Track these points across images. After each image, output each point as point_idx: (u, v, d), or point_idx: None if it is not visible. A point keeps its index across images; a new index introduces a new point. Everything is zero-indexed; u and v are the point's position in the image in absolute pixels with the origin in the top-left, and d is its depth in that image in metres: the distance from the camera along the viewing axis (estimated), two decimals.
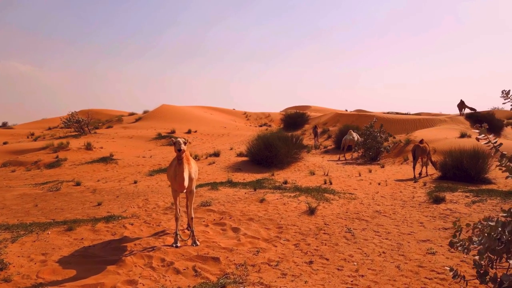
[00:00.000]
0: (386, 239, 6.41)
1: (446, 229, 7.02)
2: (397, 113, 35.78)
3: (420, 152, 13.66)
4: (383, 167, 15.92)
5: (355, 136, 19.66)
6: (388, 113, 36.70)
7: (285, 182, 11.67)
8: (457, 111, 26.80)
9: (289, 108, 54.81)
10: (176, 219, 6.14)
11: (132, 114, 40.10)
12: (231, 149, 22.41)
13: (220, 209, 8.29)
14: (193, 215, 6.20)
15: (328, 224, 7.24)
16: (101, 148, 20.88)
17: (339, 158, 19.39)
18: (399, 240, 6.36)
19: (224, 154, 19.51)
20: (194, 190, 6.33)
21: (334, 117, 30.99)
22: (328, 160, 18.64)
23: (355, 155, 20.14)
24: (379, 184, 11.95)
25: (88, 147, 19.90)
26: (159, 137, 26.04)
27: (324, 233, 6.70)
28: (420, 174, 13.69)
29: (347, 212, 8.27)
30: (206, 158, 17.65)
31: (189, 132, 28.83)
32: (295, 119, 32.69)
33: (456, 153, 12.87)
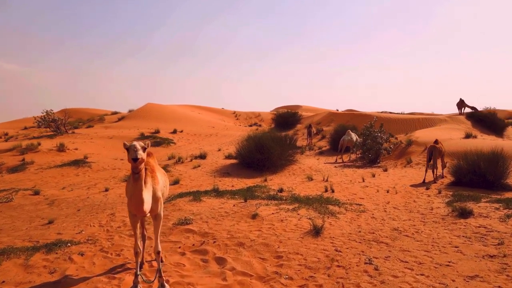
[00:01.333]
0: (421, 275, 4.77)
1: (491, 256, 5.42)
2: (390, 113, 34.46)
3: (437, 153, 12.18)
4: (386, 170, 14.38)
5: (354, 136, 18.12)
6: (382, 112, 35.36)
7: (281, 190, 9.98)
8: (455, 111, 25.59)
9: (280, 108, 53.23)
10: (136, 254, 4.39)
11: (115, 113, 37.92)
12: (219, 150, 20.66)
13: (202, 229, 6.55)
14: (159, 248, 4.44)
15: (340, 251, 5.56)
16: (76, 149, 18.90)
17: (336, 160, 17.82)
18: (439, 276, 4.73)
19: (211, 156, 17.74)
20: (162, 214, 4.56)
21: (327, 117, 29.46)
22: (324, 163, 17.03)
23: (353, 156, 18.60)
24: (387, 191, 10.37)
25: (61, 148, 17.91)
26: (142, 137, 24.12)
27: (338, 266, 5.03)
28: (435, 178, 12.17)
29: (360, 231, 6.62)
30: (191, 160, 15.87)
31: (174, 132, 26.94)
32: (286, 118, 31.06)
33: (473, 156, 11.38)
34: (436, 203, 9.06)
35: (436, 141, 13.00)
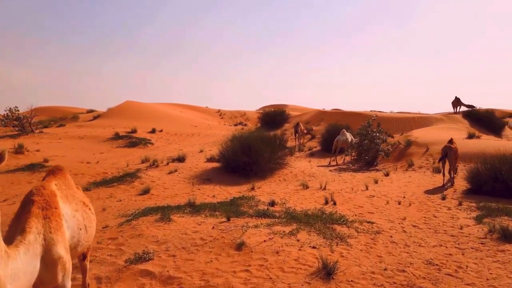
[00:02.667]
0: None
1: None
2: (379, 112, 33.03)
3: (453, 155, 10.60)
4: (387, 175, 12.65)
5: (349, 136, 16.39)
6: (371, 111, 33.91)
7: (272, 203, 8.07)
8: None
9: (266, 107, 51.36)
10: None
11: (91, 111, 35.33)
12: (201, 151, 18.62)
13: (165, 270, 4.58)
14: None
15: None
16: (37, 151, 16.56)
17: (330, 162, 16.05)
18: None
19: (191, 159, 15.70)
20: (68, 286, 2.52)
21: (317, 115, 27.73)
22: (318, 166, 15.22)
23: (348, 158, 16.87)
24: (399, 203, 8.60)
25: (19, 150, 15.56)
26: (116, 137, 21.84)
27: None
28: (450, 182, 10.62)
29: (385, 269, 4.78)
30: (167, 164, 13.80)
31: (153, 131, 24.72)
32: (274, 117, 29.19)
33: (492, 160, 9.76)
34: (462, 219, 7.34)
35: (451, 141, 11.40)
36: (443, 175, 10.84)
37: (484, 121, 20.58)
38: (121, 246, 5.41)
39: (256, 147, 12.53)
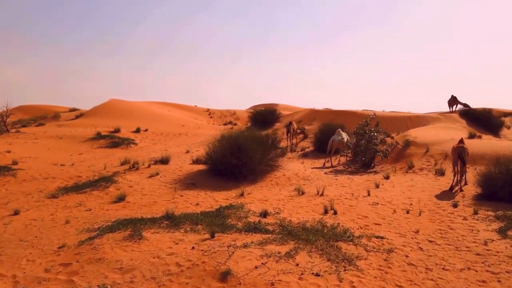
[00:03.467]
0: None
1: None
2: (372, 111, 32.18)
3: (465, 156, 9.71)
4: (388, 178, 11.65)
5: (345, 136, 15.38)
6: (364, 111, 33.04)
7: (264, 214, 6.95)
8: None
9: (257, 106, 50.25)
10: None
11: (73, 109, 33.70)
12: (188, 152, 17.43)
13: None
14: None
15: None
16: (8, 152, 15.15)
17: (324, 164, 15.01)
18: None
19: (175, 160, 14.50)
20: None
21: (309, 114, 26.72)
22: (312, 168, 14.16)
23: (343, 160, 15.85)
24: (407, 212, 7.57)
25: None
26: (98, 137, 20.47)
27: None
28: (459, 187, 9.72)
29: None
30: (149, 166, 12.57)
31: (137, 131, 23.38)
32: (264, 116, 28.03)
33: (507, 163, 8.82)
34: (482, 232, 6.34)
35: (462, 141, 10.46)
36: (456, 178, 9.95)
37: (482, 120, 19.82)
38: (73, 276, 4.24)
39: (247, 148, 11.41)
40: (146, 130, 24.04)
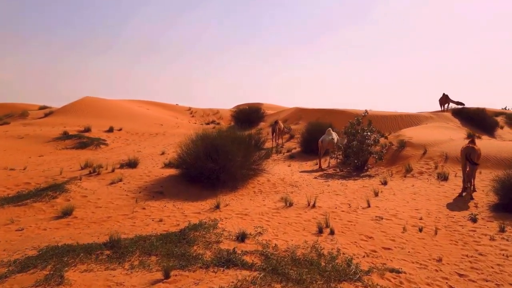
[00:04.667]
0: None
1: None
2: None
3: (476, 158, 8.38)
4: (385, 183, 10.22)
5: (335, 136, 13.92)
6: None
7: (242, 237, 5.32)
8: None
9: (241, 105, 48.55)
10: None
11: (44, 107, 31.29)
12: (163, 153, 15.67)
13: None
14: None
15: None
16: None
17: (320, 166, 13.51)
18: None
19: (145, 163, 12.74)
20: None
21: (295, 113, 25.24)
22: (300, 171, 12.63)
23: (333, 162, 14.40)
24: (420, 230, 6.08)
25: None
26: (64, 137, 18.46)
27: None
28: (469, 195, 8.42)
29: None
30: (113, 170, 10.78)
31: (110, 130, 21.41)
32: (248, 115, 26.41)
33: None
34: None
35: (473, 140, 9.12)
36: (464, 182, 8.62)
37: (476, 119, 18.75)
38: None
39: (225, 150, 9.77)
40: (120, 130, 22.09)
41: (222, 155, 9.65)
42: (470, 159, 8.63)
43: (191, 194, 8.92)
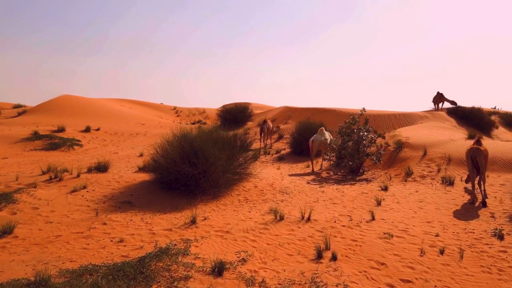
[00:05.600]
0: None
1: None
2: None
3: (483, 159, 7.38)
4: (386, 189, 9.07)
5: (328, 136, 12.76)
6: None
7: (219, 270, 4.05)
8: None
9: (228, 105, 47.17)
10: None
11: (18, 106, 29.37)
12: (141, 155, 14.28)
13: None
14: None
15: None
16: None
17: (313, 170, 12.33)
18: None
19: (119, 166, 11.36)
20: None
21: (284, 112, 24.04)
22: (290, 175, 11.42)
23: (325, 164, 13.25)
24: (441, 252, 4.91)
25: None
26: (34, 137, 16.84)
27: None
28: (482, 201, 7.39)
29: None
30: (78, 176, 9.37)
31: (87, 130, 19.83)
32: (235, 114, 25.12)
33: None
34: None
35: (479, 141, 8.06)
36: (472, 189, 7.57)
37: (472, 119, 17.87)
38: None
39: (207, 152, 8.47)
40: (98, 129, 20.52)
41: (202, 158, 8.36)
42: (476, 162, 7.63)
43: (165, 203, 7.61)
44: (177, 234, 5.55)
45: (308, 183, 10.11)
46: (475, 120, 17.89)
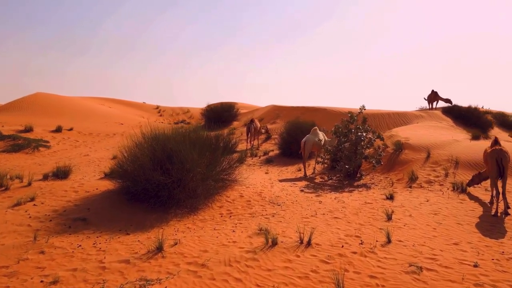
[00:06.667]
0: None
1: None
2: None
3: (507, 163, 6.22)
4: (391, 198, 7.77)
5: (322, 137, 11.44)
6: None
7: None
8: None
9: (213, 105, 45.48)
10: None
11: None
12: (114, 158, 12.63)
13: None
14: None
15: None
16: None
17: (301, 173, 10.99)
18: None
19: (84, 172, 9.78)
20: None
21: (271, 112, 22.65)
22: (281, 181, 10.04)
23: (318, 168, 11.93)
24: None
25: None
26: None
27: None
28: (504, 211, 6.21)
29: None
30: (30, 184, 7.75)
31: (58, 130, 18.02)
32: (220, 113, 23.63)
33: None
34: None
35: (497, 141, 6.92)
36: (496, 198, 6.41)
37: (469, 118, 16.90)
38: None
39: (183, 156, 7.00)
40: (70, 129, 18.74)
41: (177, 163, 6.88)
42: (501, 165, 6.48)
43: (129, 220, 6.11)
44: (135, 270, 4.08)
45: (302, 190, 8.74)
46: (472, 120, 16.93)
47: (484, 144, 11.28)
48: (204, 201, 7.09)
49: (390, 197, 7.82)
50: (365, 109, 10.79)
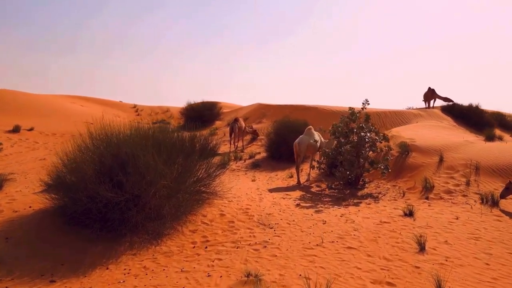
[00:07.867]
0: None
1: None
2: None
3: None
4: (411, 214, 6.16)
5: (318, 138, 9.80)
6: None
7: None
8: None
9: (194, 105, 43.37)
10: None
11: None
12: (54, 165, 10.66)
13: None
14: None
15: None
16: None
17: (294, 181, 9.31)
18: None
19: (29, 180, 7.86)
20: None
21: (257, 110, 20.89)
22: (271, 191, 8.32)
23: (313, 173, 10.28)
24: None
25: None
26: None
27: None
28: None
29: None
30: None
31: (16, 130, 15.84)
32: (201, 112, 21.77)
33: None
34: None
35: None
36: None
37: (471, 117, 15.66)
38: None
39: (142, 164, 5.18)
40: (31, 129, 16.60)
41: (134, 174, 5.07)
42: None
43: (60, 256, 4.27)
44: None
45: (298, 204, 7.04)
46: (473, 119, 15.68)
47: (501, 146, 9.90)
48: (171, 224, 5.30)
49: (409, 214, 6.21)
50: (369, 104, 9.17)
